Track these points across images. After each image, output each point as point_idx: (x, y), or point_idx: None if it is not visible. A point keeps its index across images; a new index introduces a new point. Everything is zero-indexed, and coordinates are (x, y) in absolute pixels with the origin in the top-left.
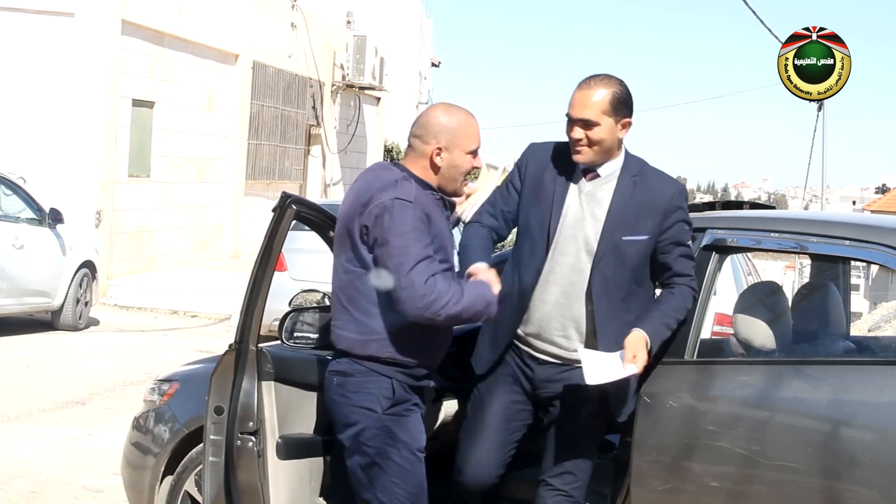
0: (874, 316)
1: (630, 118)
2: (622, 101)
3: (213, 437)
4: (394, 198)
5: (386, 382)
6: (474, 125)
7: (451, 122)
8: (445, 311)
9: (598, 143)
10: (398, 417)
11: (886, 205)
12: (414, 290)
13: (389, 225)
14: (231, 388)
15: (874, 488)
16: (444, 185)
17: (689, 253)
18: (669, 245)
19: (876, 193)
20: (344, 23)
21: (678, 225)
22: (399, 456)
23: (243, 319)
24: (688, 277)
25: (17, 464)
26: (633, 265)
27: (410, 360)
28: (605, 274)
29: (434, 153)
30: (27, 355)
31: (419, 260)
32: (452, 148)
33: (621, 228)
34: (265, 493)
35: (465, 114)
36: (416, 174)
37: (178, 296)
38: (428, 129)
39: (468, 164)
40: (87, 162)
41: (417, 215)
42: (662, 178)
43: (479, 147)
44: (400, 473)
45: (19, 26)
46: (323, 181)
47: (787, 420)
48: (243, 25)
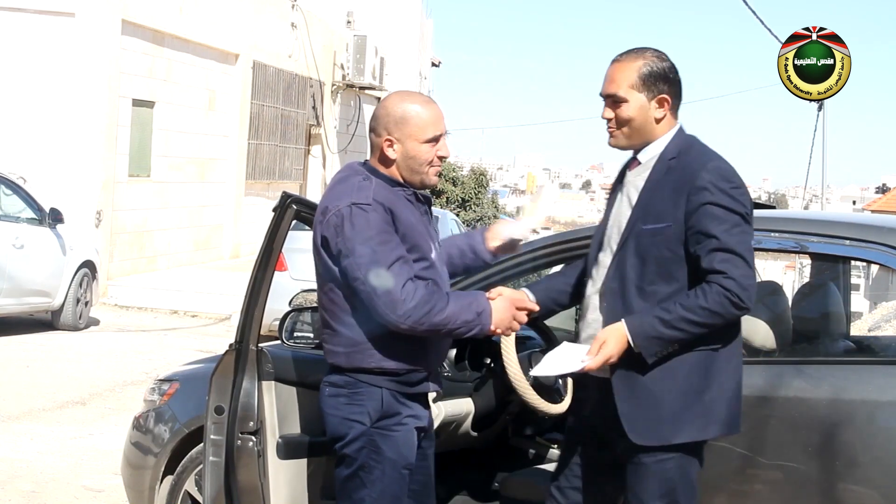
0: (874, 315)
1: (668, 95)
2: (656, 74)
3: (214, 437)
4: (350, 204)
5: (376, 393)
6: (429, 112)
7: (399, 111)
8: (428, 319)
9: (626, 122)
10: (386, 432)
11: (886, 204)
12: (390, 297)
13: (351, 234)
14: (231, 388)
15: (874, 488)
16: (408, 177)
17: (724, 245)
18: (696, 235)
19: (876, 193)
20: (344, 23)
21: (703, 209)
22: (380, 471)
23: (243, 319)
24: (720, 275)
25: (18, 463)
26: (655, 258)
27: (401, 367)
28: (622, 269)
29: (385, 145)
30: (27, 355)
31: (391, 263)
32: (404, 139)
33: (644, 218)
34: (265, 492)
35: (417, 100)
36: (379, 171)
37: (179, 295)
38: (378, 121)
39: (426, 154)
40: (88, 162)
41: (379, 217)
42: (700, 155)
43: (438, 135)
44: (378, 489)
45: (19, 26)
46: (323, 181)
47: (787, 420)
48: (243, 25)
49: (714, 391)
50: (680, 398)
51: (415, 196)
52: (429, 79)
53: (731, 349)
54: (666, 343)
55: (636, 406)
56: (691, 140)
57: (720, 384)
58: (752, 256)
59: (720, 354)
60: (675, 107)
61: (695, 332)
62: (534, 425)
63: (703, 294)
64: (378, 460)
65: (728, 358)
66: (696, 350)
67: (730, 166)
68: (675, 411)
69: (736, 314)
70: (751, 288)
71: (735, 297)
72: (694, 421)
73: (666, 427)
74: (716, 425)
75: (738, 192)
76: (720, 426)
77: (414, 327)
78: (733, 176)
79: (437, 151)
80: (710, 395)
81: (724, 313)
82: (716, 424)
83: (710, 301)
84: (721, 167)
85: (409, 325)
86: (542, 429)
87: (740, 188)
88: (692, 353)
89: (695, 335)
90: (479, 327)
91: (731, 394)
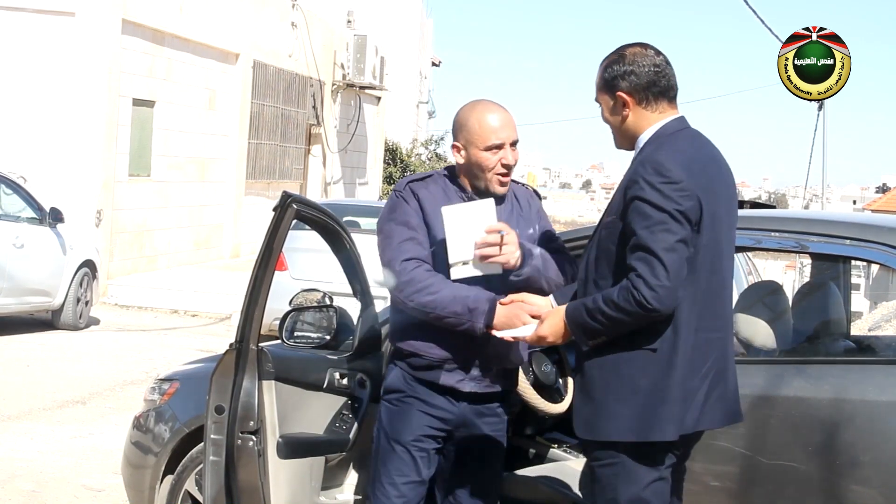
0: (874, 315)
1: (624, 92)
2: (613, 73)
3: (214, 437)
4: (392, 191)
5: (394, 371)
6: (492, 119)
7: (465, 118)
8: (417, 297)
9: (607, 123)
10: (388, 405)
11: (887, 204)
12: (391, 269)
13: (382, 215)
14: (231, 388)
15: (875, 488)
16: (473, 182)
17: (641, 243)
18: (627, 229)
19: (876, 193)
20: (344, 22)
21: (633, 204)
22: (377, 441)
23: (244, 319)
24: (633, 273)
25: (18, 463)
26: (605, 252)
27: (406, 348)
28: (587, 262)
29: (454, 151)
30: (27, 355)
31: (399, 242)
32: (468, 145)
33: (605, 213)
34: (265, 492)
35: (484, 108)
36: (456, 175)
37: (179, 295)
38: (453, 127)
39: (487, 161)
40: (88, 161)
41: (405, 203)
42: (655, 149)
43: (500, 143)
44: (380, 458)
45: (19, 26)
46: (323, 180)
47: (788, 420)
48: (243, 25)
49: (655, 392)
50: (619, 395)
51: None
52: (429, 79)
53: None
54: (590, 332)
55: (582, 400)
56: (666, 135)
57: (660, 386)
58: (674, 257)
59: (659, 356)
60: (642, 101)
61: (609, 325)
62: (534, 425)
63: (619, 289)
64: (377, 429)
65: (670, 359)
66: (639, 349)
67: (673, 160)
68: (613, 408)
69: (642, 315)
70: (661, 289)
71: (640, 297)
72: (631, 420)
73: (601, 422)
74: (654, 430)
75: (671, 187)
76: (658, 432)
77: (405, 302)
78: (670, 170)
79: (500, 160)
80: (650, 395)
81: (630, 311)
82: (654, 429)
83: (619, 297)
84: (659, 160)
85: (401, 298)
86: (542, 429)
87: (674, 183)
88: (634, 352)
89: (612, 329)
90: (470, 323)
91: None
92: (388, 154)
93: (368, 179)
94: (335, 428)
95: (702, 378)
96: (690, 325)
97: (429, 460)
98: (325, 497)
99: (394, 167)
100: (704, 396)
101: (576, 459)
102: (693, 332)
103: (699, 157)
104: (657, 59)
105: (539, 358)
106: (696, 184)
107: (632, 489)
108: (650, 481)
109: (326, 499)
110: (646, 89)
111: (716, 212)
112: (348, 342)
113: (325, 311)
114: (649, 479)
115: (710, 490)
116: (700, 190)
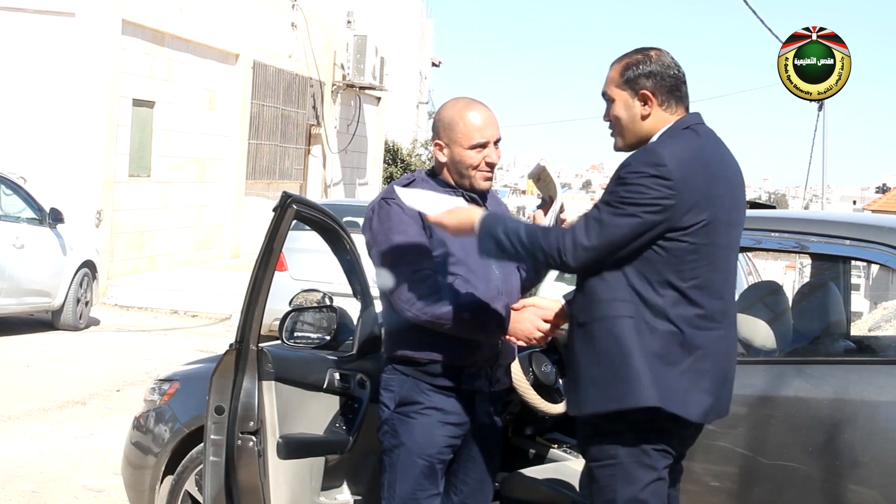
0: (874, 315)
1: (649, 90)
2: (639, 71)
3: (214, 437)
4: (380, 199)
5: (402, 380)
6: (476, 118)
7: (448, 116)
8: (431, 311)
9: (616, 122)
10: (405, 418)
11: (887, 204)
12: (398, 285)
13: (377, 227)
14: (232, 388)
15: (874, 488)
16: (458, 181)
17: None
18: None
19: (876, 193)
20: (344, 22)
21: (614, 176)
22: (397, 455)
23: (244, 319)
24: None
25: (18, 463)
26: None
27: (423, 357)
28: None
29: (436, 149)
30: (27, 355)
31: (405, 253)
32: (451, 143)
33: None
34: (265, 492)
35: (467, 106)
36: (435, 173)
37: (179, 295)
38: (433, 125)
39: (471, 159)
40: (88, 162)
41: (403, 211)
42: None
43: (483, 141)
44: (400, 474)
45: (19, 26)
46: (323, 181)
47: (788, 420)
48: (244, 25)
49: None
50: (594, 365)
51: (462, 198)
52: (429, 79)
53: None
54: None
55: (570, 378)
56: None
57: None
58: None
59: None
60: (663, 103)
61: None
62: (534, 425)
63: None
64: (395, 444)
65: (639, 329)
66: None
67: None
68: (589, 377)
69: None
70: (573, 251)
71: (560, 246)
72: (605, 389)
73: (581, 393)
74: (632, 395)
75: (634, 176)
76: (636, 397)
77: (418, 316)
78: (663, 162)
79: (484, 157)
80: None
81: (546, 250)
82: (632, 395)
83: (543, 237)
84: (657, 150)
85: (413, 314)
86: (542, 429)
87: (638, 173)
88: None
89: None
90: (485, 332)
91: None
92: (388, 154)
93: (368, 180)
94: (335, 428)
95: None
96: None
97: (444, 469)
98: (325, 497)
99: (394, 167)
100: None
101: (576, 459)
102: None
103: (702, 155)
104: (677, 67)
105: (539, 358)
106: (688, 181)
107: (630, 490)
108: (648, 482)
109: (326, 499)
110: (669, 92)
111: (715, 211)
112: (348, 342)
113: (324, 312)
114: (647, 479)
115: (710, 490)
116: (693, 188)
